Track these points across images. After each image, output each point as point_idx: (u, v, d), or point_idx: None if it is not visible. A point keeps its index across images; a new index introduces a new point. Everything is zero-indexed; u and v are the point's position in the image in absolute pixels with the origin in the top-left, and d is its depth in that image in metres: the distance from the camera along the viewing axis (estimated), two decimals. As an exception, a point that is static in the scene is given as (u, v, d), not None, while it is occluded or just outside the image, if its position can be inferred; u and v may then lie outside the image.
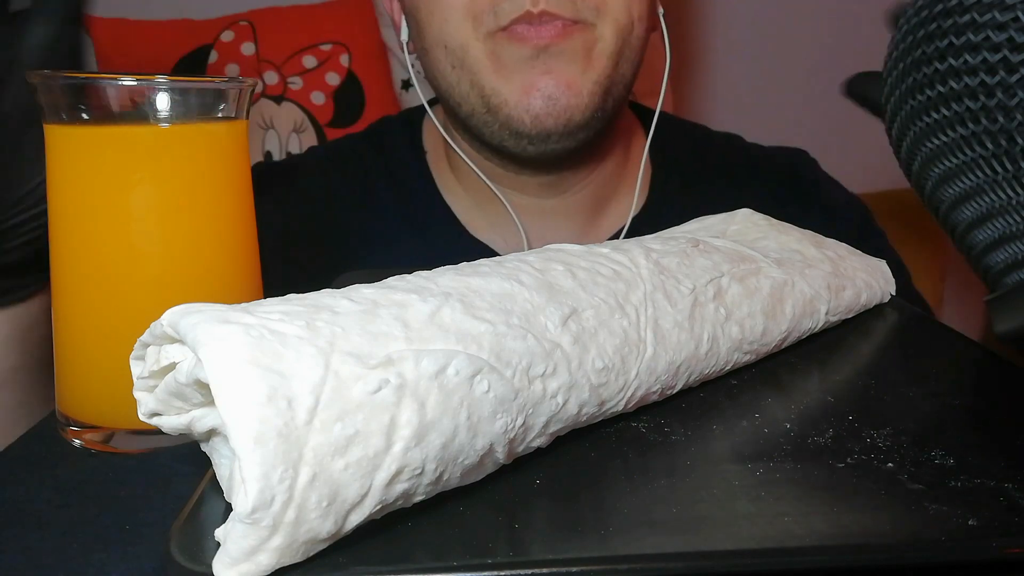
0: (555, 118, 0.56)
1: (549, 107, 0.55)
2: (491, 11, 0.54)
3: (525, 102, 0.55)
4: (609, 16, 0.56)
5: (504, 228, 0.65)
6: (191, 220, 0.33)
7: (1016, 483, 0.24)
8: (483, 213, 0.66)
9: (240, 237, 0.35)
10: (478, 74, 0.56)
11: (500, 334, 0.24)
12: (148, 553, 0.25)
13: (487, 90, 0.56)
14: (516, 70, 0.55)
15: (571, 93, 0.55)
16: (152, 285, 0.32)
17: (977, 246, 0.35)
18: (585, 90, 0.56)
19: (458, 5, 0.55)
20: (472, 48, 0.56)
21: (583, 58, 0.56)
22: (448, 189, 0.67)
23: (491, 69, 0.56)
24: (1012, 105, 0.30)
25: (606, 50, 0.56)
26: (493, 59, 0.56)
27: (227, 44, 1.14)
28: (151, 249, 0.32)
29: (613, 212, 0.67)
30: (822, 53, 1.42)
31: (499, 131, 0.58)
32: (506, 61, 0.55)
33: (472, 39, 0.56)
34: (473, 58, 0.56)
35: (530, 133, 0.56)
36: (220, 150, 0.34)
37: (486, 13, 0.55)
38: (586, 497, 0.24)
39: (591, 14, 0.55)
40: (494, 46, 0.55)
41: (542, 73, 0.55)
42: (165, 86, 0.32)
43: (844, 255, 0.41)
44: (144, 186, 0.32)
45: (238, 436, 0.19)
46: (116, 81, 0.31)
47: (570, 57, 0.55)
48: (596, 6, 0.55)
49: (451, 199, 0.67)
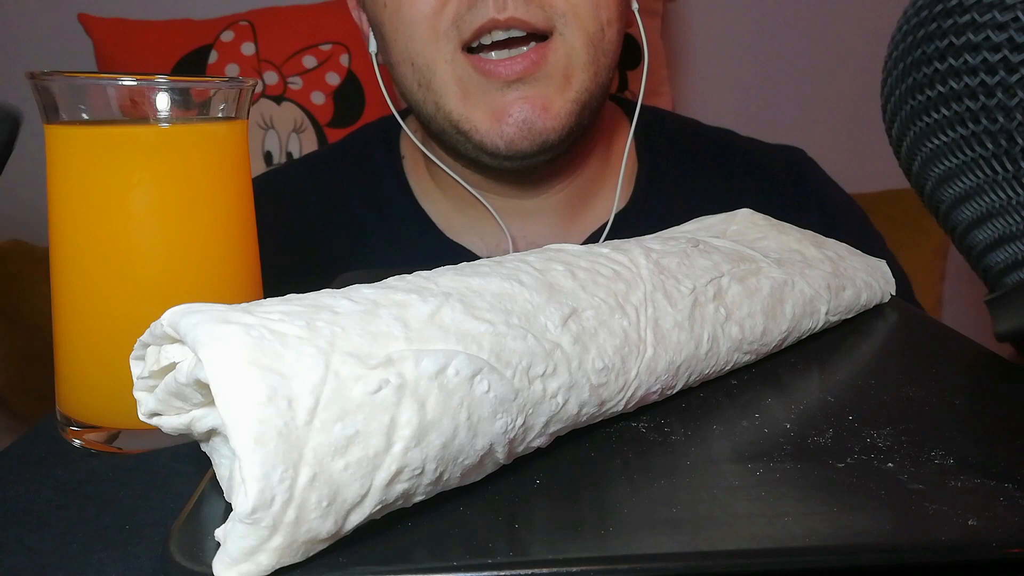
0: (530, 141, 0.54)
1: (524, 132, 0.54)
2: (453, 22, 0.52)
3: (497, 128, 0.54)
4: (576, 25, 0.53)
5: (484, 230, 0.65)
6: (191, 220, 0.33)
7: (1016, 483, 0.24)
8: (463, 216, 0.65)
9: (240, 237, 0.35)
10: (444, 98, 0.55)
11: (500, 334, 0.24)
12: (148, 553, 0.25)
13: (454, 116, 0.55)
14: (483, 99, 0.54)
15: (547, 116, 0.54)
16: (152, 285, 0.32)
17: (977, 246, 0.35)
18: (563, 111, 0.54)
19: (420, 20, 0.53)
20: (439, 71, 0.54)
21: (560, 79, 0.54)
22: (425, 194, 0.66)
23: (458, 96, 0.54)
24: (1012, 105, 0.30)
25: (579, 62, 0.54)
26: (459, 85, 0.54)
27: (227, 44, 1.14)
28: (151, 249, 0.32)
29: (597, 208, 0.66)
30: (822, 52, 1.42)
31: (472, 149, 0.57)
32: (475, 89, 0.54)
33: (439, 60, 0.53)
34: (440, 82, 0.54)
35: (504, 155, 0.55)
36: (220, 150, 0.34)
37: (450, 27, 0.52)
38: (586, 497, 0.24)
39: (560, 21, 0.53)
40: (459, 71, 0.53)
41: (516, 99, 0.53)
42: (165, 86, 0.32)
43: (844, 255, 0.41)
44: (144, 186, 0.32)
45: (238, 436, 0.19)
46: (116, 81, 0.31)
47: (546, 81, 0.53)
48: (564, 12, 0.53)
49: (428, 204, 0.66)
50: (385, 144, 0.69)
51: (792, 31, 1.41)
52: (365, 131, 0.72)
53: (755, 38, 1.41)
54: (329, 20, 1.16)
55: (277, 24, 1.16)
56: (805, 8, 1.41)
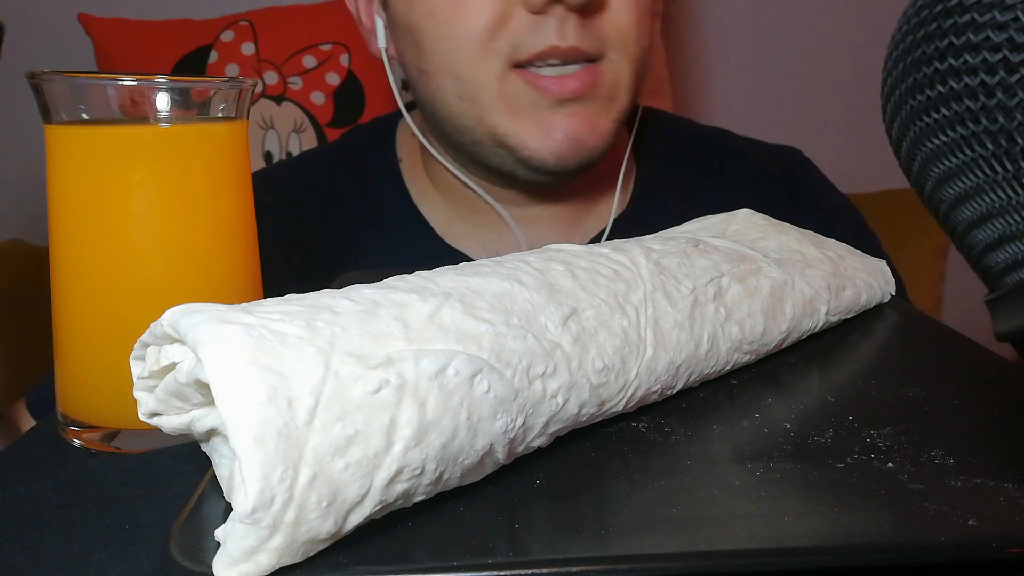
0: (578, 157, 0.55)
1: (574, 148, 0.55)
2: (511, 43, 0.52)
3: (548, 145, 0.54)
4: (625, 51, 0.55)
5: (484, 236, 0.64)
6: (191, 220, 0.33)
7: (1016, 483, 0.24)
8: (462, 222, 0.65)
9: (240, 237, 0.35)
10: (490, 113, 0.54)
11: (500, 334, 0.24)
12: (148, 553, 0.25)
13: (501, 130, 0.55)
14: (533, 115, 0.54)
15: (595, 134, 0.55)
16: (152, 285, 0.32)
17: (977, 246, 0.35)
18: (607, 130, 0.56)
19: (475, 35, 0.52)
20: (487, 86, 0.53)
21: (606, 99, 0.55)
22: (424, 197, 0.66)
23: (505, 111, 0.54)
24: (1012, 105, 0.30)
25: (624, 85, 0.56)
26: (506, 100, 0.54)
27: (227, 44, 1.14)
28: (151, 249, 0.32)
29: (598, 212, 0.67)
30: (822, 52, 1.42)
31: (513, 164, 0.57)
32: (525, 105, 0.54)
33: (488, 77, 0.53)
34: (487, 97, 0.54)
35: (551, 170, 0.56)
36: (220, 150, 0.34)
37: (506, 47, 0.52)
38: (586, 497, 0.24)
39: (612, 48, 0.54)
40: (509, 87, 0.53)
41: (567, 117, 0.54)
42: (165, 86, 0.32)
43: (844, 255, 0.41)
44: (144, 186, 0.32)
45: (238, 436, 0.19)
46: (116, 81, 0.31)
47: (594, 101, 0.55)
48: (617, 41, 0.54)
49: (426, 208, 0.65)
50: (381, 146, 0.68)
51: (792, 31, 1.41)
52: (359, 133, 0.71)
53: (755, 38, 1.41)
54: (329, 20, 1.16)
55: (277, 24, 1.16)
56: (805, 8, 1.41)
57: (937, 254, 1.25)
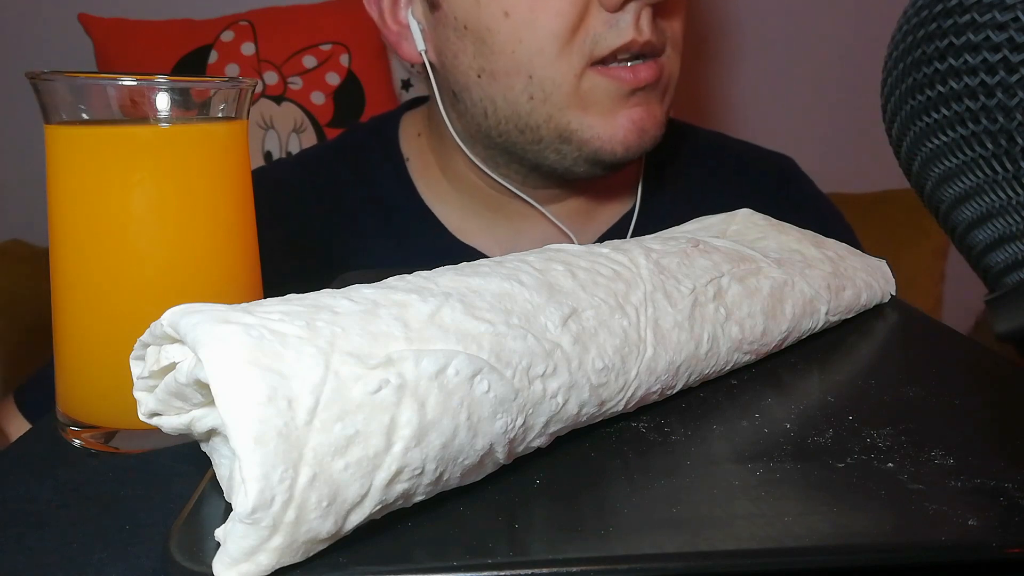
0: (642, 146, 0.57)
1: (640, 137, 0.57)
2: (589, 39, 0.54)
3: (620, 135, 0.56)
4: (678, 49, 0.58)
5: (501, 233, 0.65)
6: (191, 220, 0.33)
7: (1016, 483, 0.24)
8: (476, 219, 0.65)
9: (240, 237, 0.35)
10: (563, 111, 0.56)
11: (500, 334, 0.24)
12: (148, 553, 0.25)
13: (573, 126, 0.56)
14: (607, 106, 0.56)
15: (655, 124, 0.58)
16: (151, 285, 0.32)
17: (977, 246, 0.35)
18: (662, 121, 0.59)
19: (557, 34, 0.53)
20: (564, 85, 0.55)
21: (662, 92, 0.58)
22: (435, 195, 0.66)
23: (577, 107, 0.56)
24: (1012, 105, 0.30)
25: (674, 80, 0.59)
26: (581, 97, 0.55)
27: (227, 44, 1.14)
28: (151, 249, 0.32)
29: (609, 210, 0.67)
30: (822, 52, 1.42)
31: (575, 159, 0.58)
32: (598, 98, 0.55)
33: (567, 75, 0.54)
34: (563, 95, 0.55)
35: (618, 161, 0.57)
36: (220, 150, 0.34)
37: (586, 43, 0.54)
38: (586, 497, 0.24)
39: (670, 43, 0.57)
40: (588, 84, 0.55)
41: (634, 106, 0.56)
42: (165, 86, 0.32)
43: (844, 255, 0.41)
44: (144, 186, 0.32)
45: (238, 436, 0.19)
46: (116, 81, 0.31)
47: (655, 92, 0.57)
48: (672, 38, 0.57)
49: (437, 205, 0.66)
50: (383, 146, 0.68)
51: (792, 31, 1.41)
52: (358, 132, 0.71)
53: (755, 38, 1.41)
54: (329, 20, 1.16)
55: (277, 24, 1.16)
56: (805, 8, 1.41)
57: (937, 254, 1.25)
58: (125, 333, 0.28)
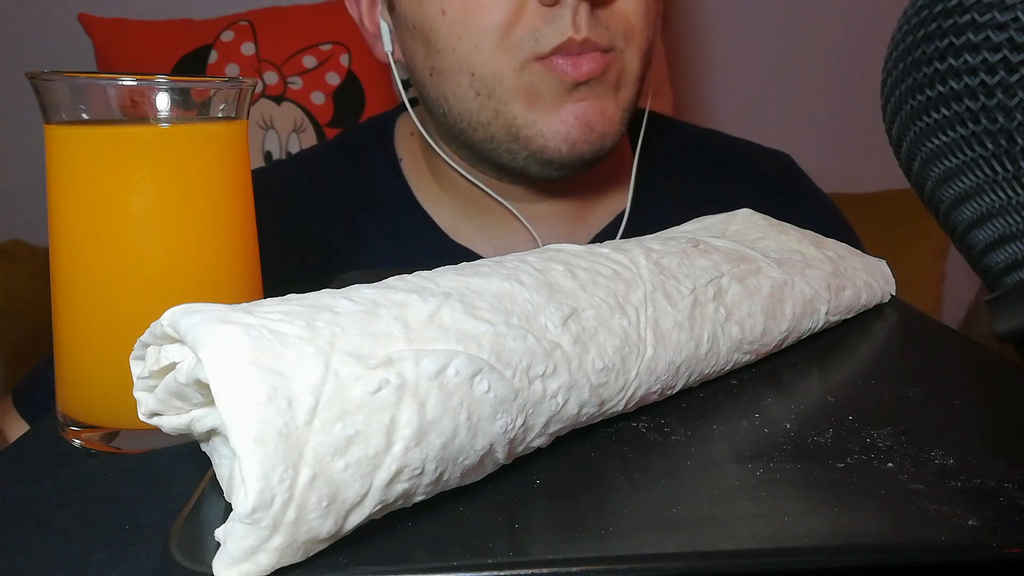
0: (590, 144, 0.56)
1: (586, 134, 0.55)
2: (530, 37, 0.53)
3: (563, 131, 0.55)
4: (634, 44, 0.56)
5: (493, 234, 0.65)
6: (191, 220, 0.33)
7: (1016, 483, 0.24)
8: (470, 220, 0.65)
9: (240, 237, 0.35)
10: (508, 105, 0.55)
11: (500, 334, 0.24)
12: (148, 553, 0.25)
13: (519, 121, 0.56)
14: (552, 101, 0.55)
15: (605, 120, 0.56)
16: (151, 285, 0.32)
17: (977, 246, 0.35)
18: (616, 118, 0.57)
19: (492, 29, 0.53)
20: (505, 79, 0.54)
21: (613, 87, 0.56)
22: (428, 196, 0.66)
23: (523, 101, 0.55)
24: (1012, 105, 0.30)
25: (632, 76, 0.57)
26: (526, 91, 0.55)
27: (227, 44, 1.14)
28: (150, 249, 0.32)
29: (601, 210, 0.67)
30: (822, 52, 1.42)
31: (525, 159, 0.57)
32: (542, 92, 0.55)
33: (506, 69, 0.54)
34: (506, 89, 0.55)
35: (564, 161, 0.56)
36: (220, 150, 0.34)
37: (524, 39, 0.53)
38: (586, 497, 0.24)
39: (621, 40, 0.55)
40: (529, 77, 0.54)
41: (578, 101, 0.55)
42: (165, 86, 0.32)
43: (844, 255, 0.41)
44: (144, 186, 0.32)
45: (238, 436, 0.19)
46: (116, 81, 0.31)
47: (604, 87, 0.56)
48: (625, 32, 0.55)
49: (430, 206, 0.66)
50: (380, 146, 0.68)
51: (792, 31, 1.41)
52: (357, 132, 0.71)
53: (755, 38, 1.41)
54: (329, 20, 1.16)
55: (277, 24, 1.16)
56: (805, 8, 1.41)
57: (937, 254, 1.25)
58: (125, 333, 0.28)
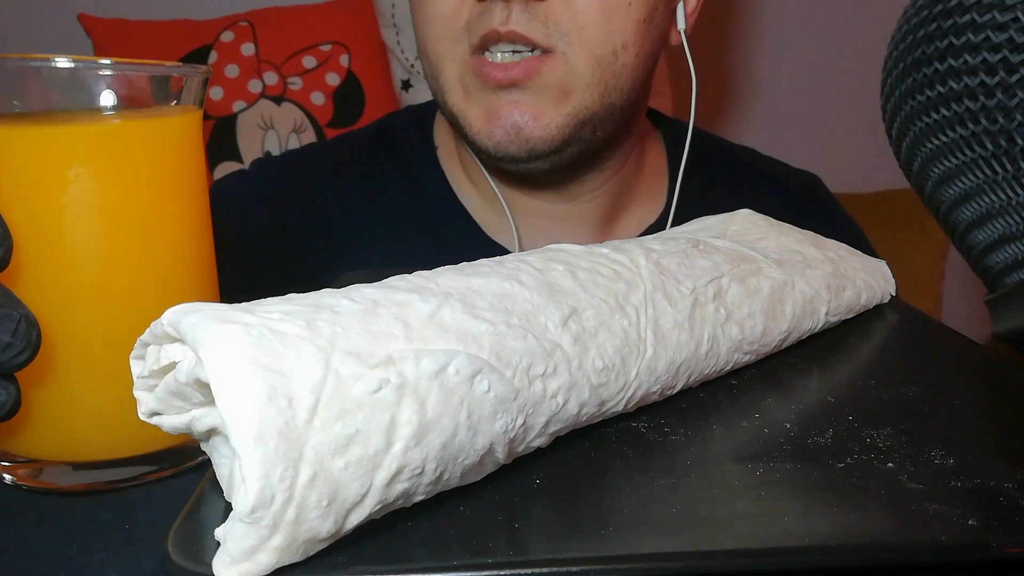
0: (518, 146, 0.55)
1: (511, 136, 0.54)
2: (466, 29, 0.54)
3: (487, 129, 0.55)
4: (581, 46, 0.53)
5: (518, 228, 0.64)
6: (136, 220, 0.30)
7: (1016, 483, 0.24)
8: (494, 214, 0.65)
9: (193, 238, 0.32)
10: (448, 94, 0.57)
11: (500, 334, 0.24)
12: (147, 553, 0.25)
13: (456, 111, 0.57)
14: (481, 99, 0.55)
15: (537, 125, 0.54)
16: (88, 293, 0.29)
17: (977, 246, 0.35)
18: (554, 123, 0.54)
19: (437, 19, 0.55)
20: (446, 68, 0.56)
21: (556, 92, 0.54)
22: (461, 187, 0.66)
23: (460, 93, 0.56)
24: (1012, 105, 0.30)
25: (581, 82, 0.54)
26: (461, 83, 0.56)
27: (227, 44, 1.14)
28: (90, 254, 0.29)
29: (628, 220, 0.67)
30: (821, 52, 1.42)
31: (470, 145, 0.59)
32: (472, 89, 0.55)
33: (448, 59, 0.56)
34: (446, 78, 0.56)
35: (496, 156, 0.56)
36: (170, 143, 0.31)
37: (461, 31, 0.54)
38: (586, 497, 0.24)
39: (561, 41, 0.52)
40: (463, 71, 0.55)
41: (507, 103, 0.54)
42: (108, 70, 0.28)
43: (844, 255, 0.41)
44: (82, 183, 0.28)
45: (238, 435, 0.19)
46: (50, 63, 0.27)
47: (539, 92, 0.54)
48: (568, 32, 0.52)
49: (464, 197, 0.66)
50: (420, 132, 0.69)
51: (791, 31, 1.41)
52: (396, 118, 0.72)
53: (754, 38, 1.41)
54: (329, 20, 1.16)
55: (277, 24, 1.16)
56: (805, 8, 1.41)
57: (937, 254, 1.25)
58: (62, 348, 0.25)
